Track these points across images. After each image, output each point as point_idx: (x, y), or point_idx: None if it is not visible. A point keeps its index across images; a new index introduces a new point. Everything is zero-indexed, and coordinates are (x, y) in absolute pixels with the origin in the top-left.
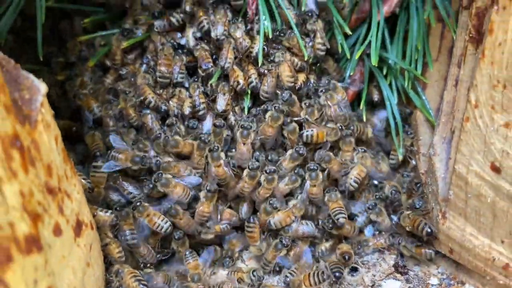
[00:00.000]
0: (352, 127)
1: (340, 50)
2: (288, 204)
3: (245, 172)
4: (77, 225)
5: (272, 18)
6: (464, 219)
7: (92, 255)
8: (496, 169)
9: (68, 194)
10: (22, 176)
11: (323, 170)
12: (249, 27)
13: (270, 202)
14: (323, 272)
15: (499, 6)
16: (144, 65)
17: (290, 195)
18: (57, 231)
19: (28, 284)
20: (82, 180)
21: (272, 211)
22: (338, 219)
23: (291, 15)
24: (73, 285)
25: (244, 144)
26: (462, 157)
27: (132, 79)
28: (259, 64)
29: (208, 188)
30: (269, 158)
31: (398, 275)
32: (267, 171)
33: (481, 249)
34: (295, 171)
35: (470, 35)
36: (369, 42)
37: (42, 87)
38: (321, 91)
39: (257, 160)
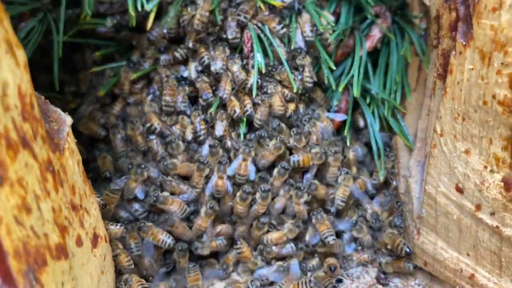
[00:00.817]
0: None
1: (327, 81)
2: (283, 226)
3: (238, 193)
4: (94, 238)
5: (265, 54)
6: (435, 234)
7: (106, 264)
8: (459, 190)
9: (87, 210)
10: (53, 195)
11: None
12: (244, 62)
13: (259, 220)
14: (310, 281)
15: (457, 51)
16: (151, 95)
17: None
18: (79, 242)
19: (57, 286)
20: (97, 198)
21: (263, 227)
22: (328, 241)
23: (282, 52)
24: None
25: (244, 160)
26: (432, 179)
27: (139, 107)
28: (254, 95)
29: (211, 205)
30: (261, 176)
31: (380, 286)
32: (262, 189)
33: (450, 261)
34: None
35: (438, 72)
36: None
37: (68, 119)
38: (305, 120)
39: (252, 181)
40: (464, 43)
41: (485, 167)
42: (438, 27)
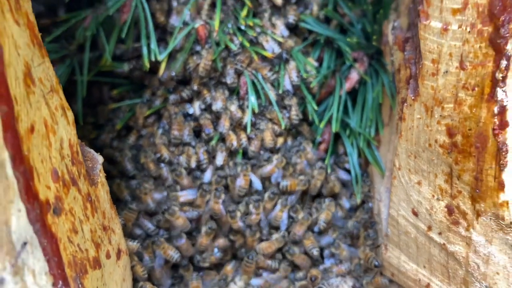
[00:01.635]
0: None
1: (311, 118)
2: (272, 236)
3: (228, 214)
4: (118, 252)
5: (258, 96)
6: (399, 249)
7: (126, 273)
8: (415, 213)
9: (113, 230)
10: (91, 219)
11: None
12: (241, 102)
13: (252, 228)
14: None
15: (408, 103)
16: (161, 128)
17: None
18: (108, 255)
19: None
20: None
21: (255, 233)
22: (312, 252)
23: (272, 94)
24: None
25: (245, 176)
26: (394, 204)
27: (151, 139)
28: (248, 131)
29: (209, 226)
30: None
31: None
32: (254, 200)
33: (411, 272)
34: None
35: (399, 115)
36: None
37: (100, 158)
38: (293, 152)
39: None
40: (413, 97)
41: (433, 195)
42: (399, 78)
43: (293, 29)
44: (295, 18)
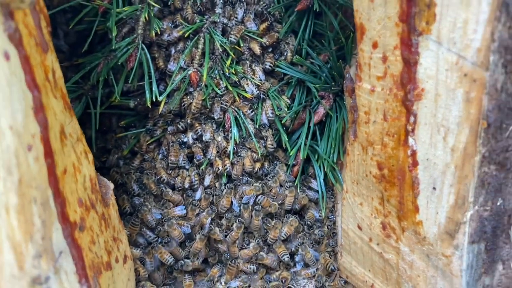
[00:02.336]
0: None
1: (284, 146)
2: (249, 244)
3: (210, 233)
4: (124, 257)
5: (240, 129)
6: (350, 256)
7: (130, 274)
8: (360, 228)
9: (121, 240)
10: (105, 233)
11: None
12: (226, 134)
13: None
14: None
15: (350, 142)
16: (160, 154)
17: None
18: (117, 260)
19: (107, 286)
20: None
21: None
22: (284, 259)
23: (251, 128)
24: None
25: (227, 197)
26: (344, 220)
27: (152, 163)
28: (231, 158)
29: (203, 232)
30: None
31: None
32: (237, 221)
33: (360, 275)
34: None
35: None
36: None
37: (111, 185)
38: (268, 176)
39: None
40: (353, 138)
41: (371, 214)
42: (348, 119)
43: (271, 72)
44: (271, 64)
